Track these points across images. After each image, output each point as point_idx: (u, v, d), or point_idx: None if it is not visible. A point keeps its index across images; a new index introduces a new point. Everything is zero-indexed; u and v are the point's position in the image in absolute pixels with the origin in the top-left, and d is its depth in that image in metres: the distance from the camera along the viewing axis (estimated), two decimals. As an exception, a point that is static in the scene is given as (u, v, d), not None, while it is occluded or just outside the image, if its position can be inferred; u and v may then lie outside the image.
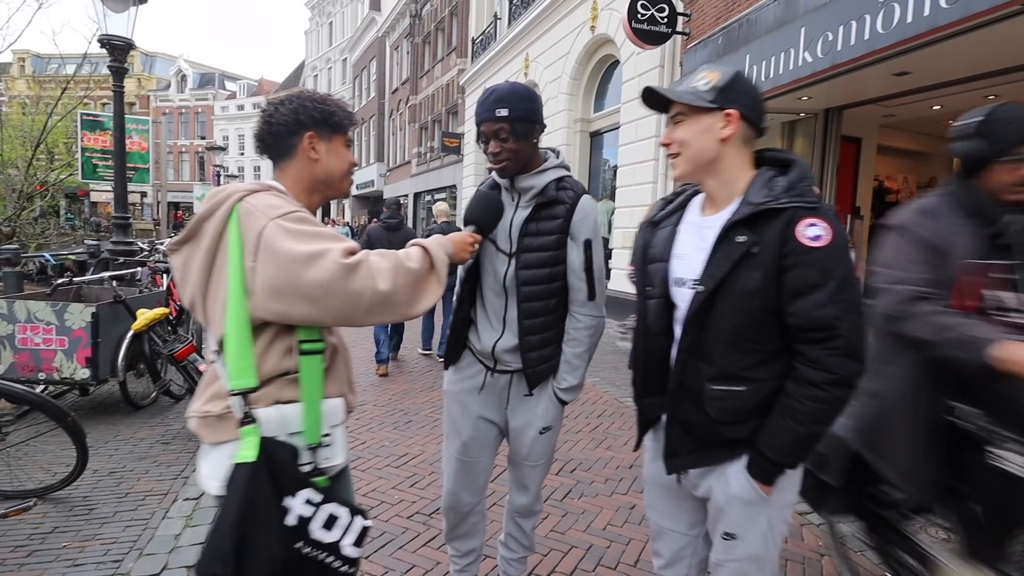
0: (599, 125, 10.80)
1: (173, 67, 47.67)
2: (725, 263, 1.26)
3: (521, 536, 2.03)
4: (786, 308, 1.23)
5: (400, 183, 25.66)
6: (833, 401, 1.23)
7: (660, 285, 1.42)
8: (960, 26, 4.01)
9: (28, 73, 33.90)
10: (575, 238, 1.73)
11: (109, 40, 5.61)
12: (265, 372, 1.22)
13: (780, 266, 1.22)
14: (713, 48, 7.00)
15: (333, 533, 1.19)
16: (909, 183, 9.55)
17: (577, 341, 1.78)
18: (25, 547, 2.46)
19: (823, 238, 1.20)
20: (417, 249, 1.31)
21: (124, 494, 2.97)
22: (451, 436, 1.92)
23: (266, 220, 1.17)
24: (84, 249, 9.95)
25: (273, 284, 1.15)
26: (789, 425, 1.25)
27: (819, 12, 5.20)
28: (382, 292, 1.18)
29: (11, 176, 12.99)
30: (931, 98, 6.44)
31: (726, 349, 1.30)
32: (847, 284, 1.21)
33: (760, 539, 1.36)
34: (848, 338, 1.20)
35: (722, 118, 1.29)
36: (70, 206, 30.24)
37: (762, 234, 1.24)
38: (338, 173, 1.39)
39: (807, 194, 1.24)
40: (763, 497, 1.33)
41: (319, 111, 1.34)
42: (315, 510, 1.18)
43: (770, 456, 1.29)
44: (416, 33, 23.06)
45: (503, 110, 1.63)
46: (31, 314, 3.73)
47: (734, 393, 1.30)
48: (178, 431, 3.89)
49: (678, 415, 1.40)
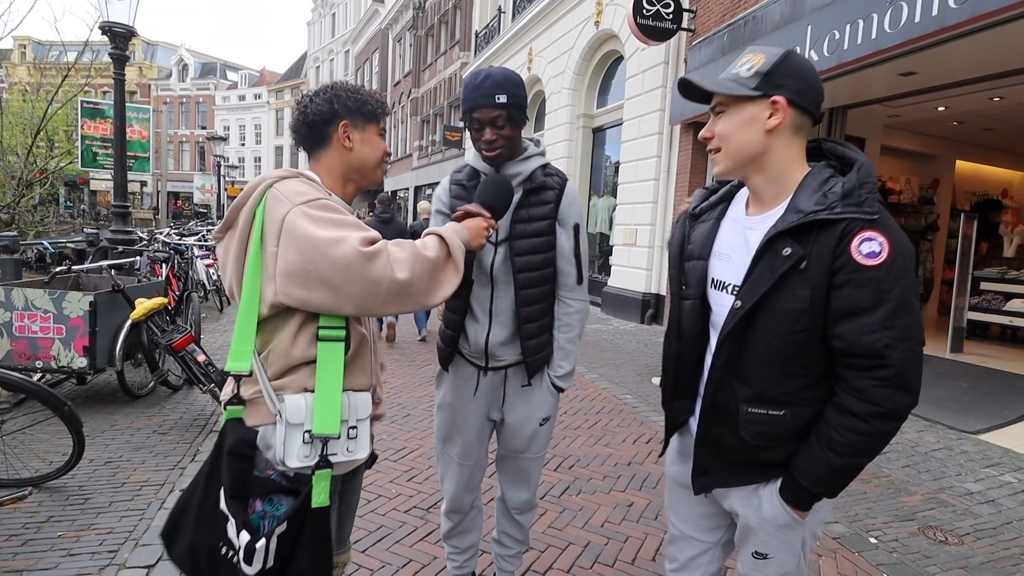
0: (602, 121, 10.77)
1: (175, 56, 47.49)
2: (767, 277, 1.12)
3: (517, 532, 2.02)
4: (831, 330, 1.10)
5: (401, 176, 25.61)
6: (876, 435, 1.10)
7: (697, 285, 1.30)
8: (969, 26, 3.98)
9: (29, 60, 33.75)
10: (564, 223, 1.73)
11: (111, 27, 5.58)
12: (295, 358, 1.24)
13: (830, 283, 1.08)
14: (718, 45, 6.96)
15: (239, 540, 1.15)
16: (912, 184, 9.53)
17: (569, 326, 1.79)
18: (20, 536, 2.45)
19: (880, 255, 1.05)
20: (433, 238, 1.30)
21: (120, 484, 2.96)
22: (450, 441, 1.88)
23: (290, 206, 1.18)
24: (83, 237, 9.93)
25: (293, 269, 1.16)
26: (826, 455, 1.13)
27: (826, 10, 5.17)
28: (400, 281, 1.18)
29: (11, 163, 12.94)
30: (937, 99, 6.43)
31: (766, 371, 1.17)
32: (903, 308, 1.06)
33: (792, 558, 1.28)
34: (898, 369, 1.06)
35: (767, 106, 1.13)
36: (70, 194, 30.18)
37: (811, 247, 1.09)
38: (372, 162, 1.40)
39: (868, 203, 1.07)
40: (797, 521, 1.23)
41: (353, 100, 1.35)
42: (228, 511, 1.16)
43: (804, 484, 1.18)
44: (419, 26, 22.96)
45: (502, 96, 1.59)
46: (29, 302, 3.71)
47: (773, 418, 1.18)
48: (175, 421, 3.88)
49: (709, 435, 1.28)
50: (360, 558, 2.40)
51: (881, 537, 2.80)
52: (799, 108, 1.14)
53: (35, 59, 31.96)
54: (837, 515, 2.98)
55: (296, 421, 1.21)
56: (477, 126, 1.63)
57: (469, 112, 1.63)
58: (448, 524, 2.00)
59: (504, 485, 1.98)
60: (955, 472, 3.58)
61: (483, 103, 1.59)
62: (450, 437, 1.88)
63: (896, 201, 9.13)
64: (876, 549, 2.69)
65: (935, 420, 4.41)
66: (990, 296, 7.16)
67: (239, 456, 1.21)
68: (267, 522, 1.17)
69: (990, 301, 7.11)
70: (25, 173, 11.31)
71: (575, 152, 11.12)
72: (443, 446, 1.91)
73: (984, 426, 4.29)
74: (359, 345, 1.32)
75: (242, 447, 1.21)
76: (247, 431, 1.24)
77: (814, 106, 1.15)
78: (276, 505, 1.19)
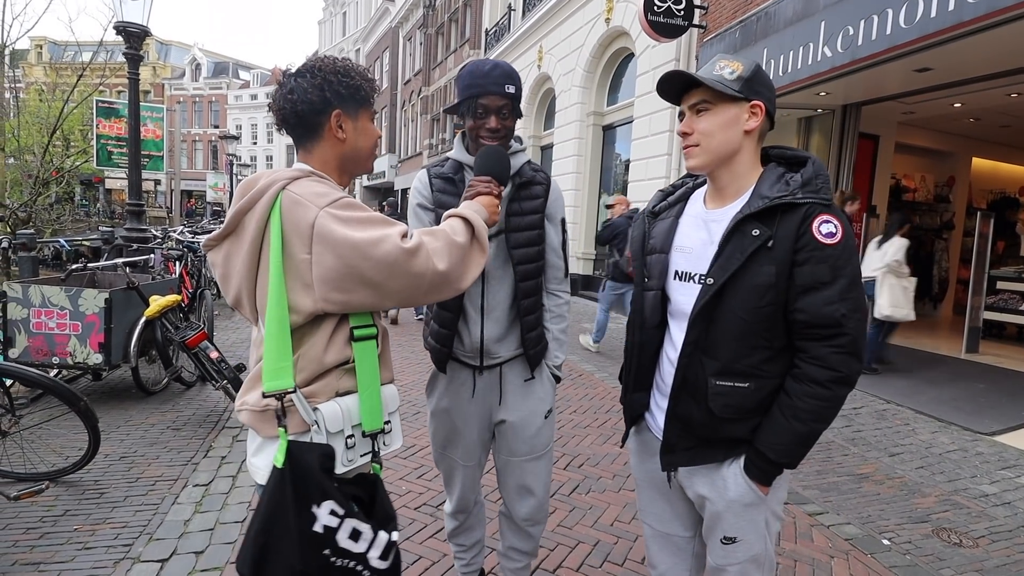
0: (612, 119, 10.72)
1: (188, 56, 47.89)
2: (737, 256, 1.23)
3: (526, 544, 1.93)
4: (794, 304, 1.22)
5: (411, 174, 25.64)
6: (835, 399, 1.22)
7: (658, 277, 1.40)
8: (986, 21, 3.92)
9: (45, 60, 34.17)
10: (552, 218, 1.76)
11: (125, 27, 5.63)
12: (327, 363, 1.21)
13: (792, 261, 1.21)
14: (730, 41, 6.91)
15: (360, 544, 1.16)
16: (927, 182, 9.41)
17: (560, 317, 1.82)
18: (37, 529, 2.49)
19: (836, 235, 1.19)
20: (459, 221, 1.28)
21: (135, 479, 3.00)
22: (450, 445, 1.84)
23: (316, 210, 1.13)
24: (98, 235, 10.04)
25: (333, 274, 1.13)
26: (791, 424, 1.23)
27: (840, 6, 5.11)
28: (441, 272, 1.18)
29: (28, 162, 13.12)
30: (952, 95, 6.34)
31: (733, 344, 1.27)
32: (855, 283, 1.21)
33: (759, 539, 1.35)
34: (853, 336, 1.20)
35: (748, 110, 1.26)
36: (85, 193, 30.55)
37: (776, 228, 1.22)
38: (365, 151, 1.34)
39: (823, 191, 1.23)
40: (761, 498, 1.32)
41: (344, 86, 1.26)
42: (340, 521, 1.14)
43: (770, 456, 1.27)
44: (429, 24, 22.98)
45: (511, 87, 1.60)
46: (46, 299, 3.76)
47: (739, 389, 1.28)
48: (189, 417, 3.93)
49: (678, 411, 1.36)
50: (370, 554, 2.42)
51: (894, 539, 2.77)
52: (768, 115, 1.29)
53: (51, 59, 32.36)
54: (849, 516, 2.95)
55: (336, 429, 1.20)
56: (481, 112, 1.61)
57: (475, 97, 1.60)
58: (454, 523, 1.98)
59: (510, 497, 1.87)
60: (970, 474, 3.54)
61: (493, 90, 1.58)
62: (450, 442, 1.83)
63: (911, 199, 9.02)
64: (889, 551, 2.66)
65: (950, 421, 4.36)
66: (1006, 296, 7.05)
67: (327, 471, 1.17)
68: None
69: (1006, 301, 7.00)
70: (42, 172, 11.45)
71: (585, 150, 11.09)
72: (443, 451, 1.86)
73: (1000, 427, 4.23)
74: (383, 340, 1.31)
75: (328, 462, 1.17)
76: (324, 446, 1.18)
77: (774, 113, 1.31)
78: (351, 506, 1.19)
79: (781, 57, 5.80)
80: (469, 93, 1.61)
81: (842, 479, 3.40)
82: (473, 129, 1.64)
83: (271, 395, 1.16)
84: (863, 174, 7.55)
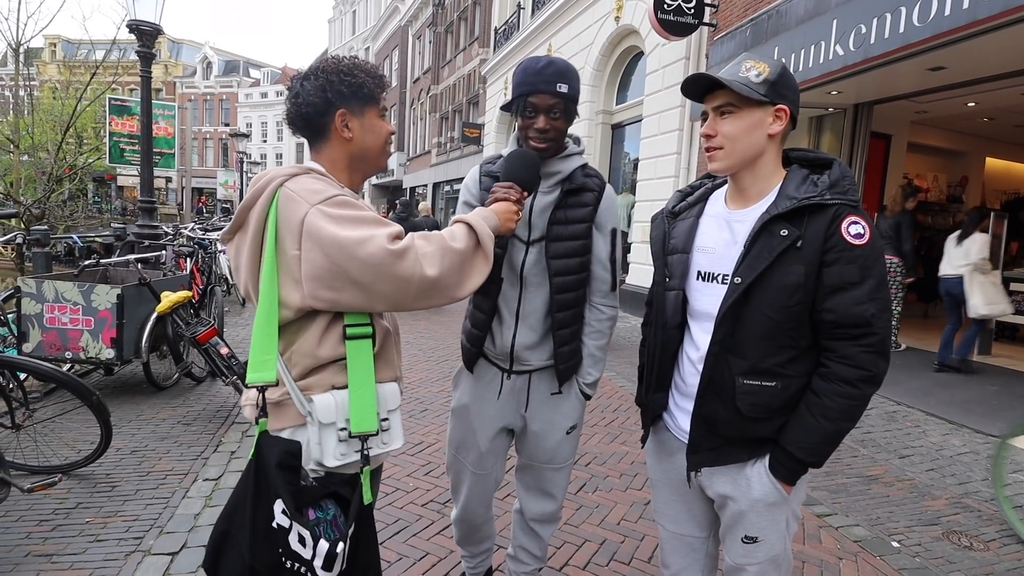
0: (621, 117, 10.69)
1: (199, 54, 48.21)
2: (765, 256, 1.23)
3: (535, 547, 1.90)
4: (822, 304, 1.22)
5: (420, 172, 25.71)
6: (863, 398, 1.23)
7: (680, 277, 1.39)
8: (1001, 20, 3.87)
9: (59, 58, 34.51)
10: (601, 227, 1.67)
11: (138, 25, 5.68)
12: (321, 358, 1.21)
13: (821, 261, 1.21)
14: (741, 40, 6.87)
15: (307, 550, 1.13)
16: (939, 182, 9.31)
17: (600, 333, 1.73)
18: (50, 521, 2.52)
19: (865, 236, 1.20)
20: (461, 227, 1.24)
21: (146, 473, 3.03)
22: (464, 448, 1.79)
23: (308, 207, 1.14)
24: (110, 232, 10.15)
25: (320, 271, 1.13)
26: (820, 423, 1.24)
27: (852, 4, 5.07)
28: (430, 278, 1.14)
29: (42, 159, 13.27)
30: (966, 94, 6.27)
31: (761, 344, 1.27)
32: (883, 283, 1.21)
33: (780, 539, 1.35)
34: (881, 336, 1.20)
35: (772, 113, 1.26)
36: (97, 189, 30.85)
37: (805, 228, 1.22)
38: (375, 149, 1.33)
39: (851, 192, 1.23)
40: (785, 497, 1.32)
41: (347, 84, 1.26)
42: (290, 523, 1.12)
43: (797, 455, 1.27)
44: (439, 22, 23.00)
45: (563, 86, 1.51)
46: (59, 294, 3.80)
47: (766, 388, 1.28)
48: (199, 412, 3.96)
49: (703, 411, 1.35)
50: (378, 550, 2.43)
51: (904, 541, 2.75)
52: (792, 119, 1.28)
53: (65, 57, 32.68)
54: (858, 518, 2.93)
55: (328, 420, 1.19)
56: (531, 112, 1.54)
57: (525, 96, 1.53)
58: (460, 532, 1.94)
59: (524, 497, 1.86)
60: (981, 476, 3.50)
61: (543, 89, 1.51)
62: (464, 442, 1.79)
63: (923, 199, 8.93)
64: (899, 553, 2.64)
65: (961, 423, 4.31)
66: (1020, 297, 6.97)
67: (289, 468, 1.16)
68: (322, 528, 1.16)
69: (1020, 303, 6.92)
70: (55, 169, 11.59)
71: (594, 149, 11.05)
72: (456, 453, 1.82)
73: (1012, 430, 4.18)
74: (384, 338, 1.29)
75: (290, 459, 1.17)
76: (289, 443, 1.18)
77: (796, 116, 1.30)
78: (326, 510, 1.18)
79: (792, 55, 5.75)
80: (520, 91, 1.55)
81: (851, 480, 3.38)
82: (523, 128, 1.58)
83: (253, 386, 1.18)
84: (875, 174, 7.48)
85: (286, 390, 1.21)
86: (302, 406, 1.20)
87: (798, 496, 1.37)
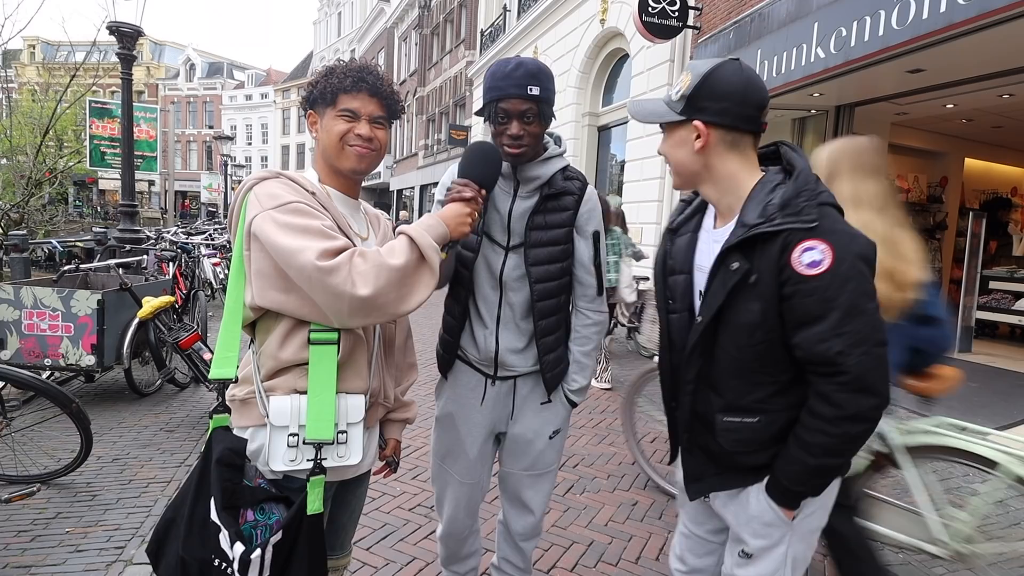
0: (607, 119, 10.74)
1: (182, 56, 47.69)
2: (720, 292, 1.15)
3: (519, 560, 1.86)
4: (791, 339, 1.13)
5: (407, 175, 25.63)
6: (844, 436, 1.12)
7: (682, 299, 1.31)
8: (977, 23, 3.95)
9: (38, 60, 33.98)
10: (582, 231, 1.62)
11: (118, 27, 5.62)
12: (283, 360, 1.20)
13: (780, 295, 1.11)
14: (724, 43, 6.93)
15: (231, 551, 1.12)
16: (920, 182, 9.45)
17: (587, 339, 1.68)
18: (28, 532, 2.47)
19: (822, 264, 1.05)
20: (403, 240, 1.19)
21: (127, 481, 2.98)
22: (450, 457, 1.73)
23: (259, 210, 1.16)
24: (91, 236, 10.00)
25: (264, 272, 1.17)
26: (801, 455, 1.16)
27: (833, 7, 5.14)
28: (361, 297, 1.10)
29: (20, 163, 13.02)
30: (945, 96, 6.37)
31: (734, 381, 1.20)
32: (852, 313, 1.07)
33: (776, 563, 1.27)
34: (855, 374, 1.07)
35: (692, 129, 1.18)
36: (78, 193, 30.41)
37: (758, 261, 1.11)
38: (331, 148, 1.29)
39: (805, 212, 1.08)
40: (783, 520, 1.24)
41: (315, 85, 1.31)
42: (220, 522, 1.13)
43: (784, 483, 1.21)
44: (425, 24, 22.97)
45: (535, 88, 1.44)
46: (38, 300, 3.74)
47: (748, 425, 1.21)
48: (182, 419, 3.91)
49: (697, 442, 1.31)
50: (364, 556, 2.41)
51: (887, 537, 2.78)
52: (723, 127, 1.16)
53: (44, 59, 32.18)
54: (843, 515, 2.96)
55: (280, 424, 1.17)
56: (502, 117, 1.47)
57: (496, 101, 1.46)
58: (445, 551, 1.87)
59: (508, 508, 1.81)
60: (962, 472, 3.55)
61: (513, 93, 1.43)
62: (450, 452, 1.73)
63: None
64: (882, 550, 2.67)
65: (942, 420, 4.38)
66: (999, 295, 7.10)
67: (228, 465, 1.17)
68: (259, 532, 1.14)
69: (999, 300, 7.05)
70: (34, 172, 11.38)
71: (580, 151, 11.10)
72: (441, 463, 1.76)
73: (993, 427, 4.25)
74: (353, 347, 1.25)
75: (231, 456, 1.18)
76: (235, 440, 1.21)
77: (743, 121, 1.16)
78: (268, 514, 1.17)
79: (775, 58, 5.82)
80: (490, 96, 1.48)
81: (836, 478, 3.41)
82: (495, 136, 1.50)
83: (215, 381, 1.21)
84: (857, 175, 7.57)
85: (252, 388, 1.22)
86: (263, 406, 1.20)
87: (807, 526, 1.27)
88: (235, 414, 1.25)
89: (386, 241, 1.42)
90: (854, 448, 1.15)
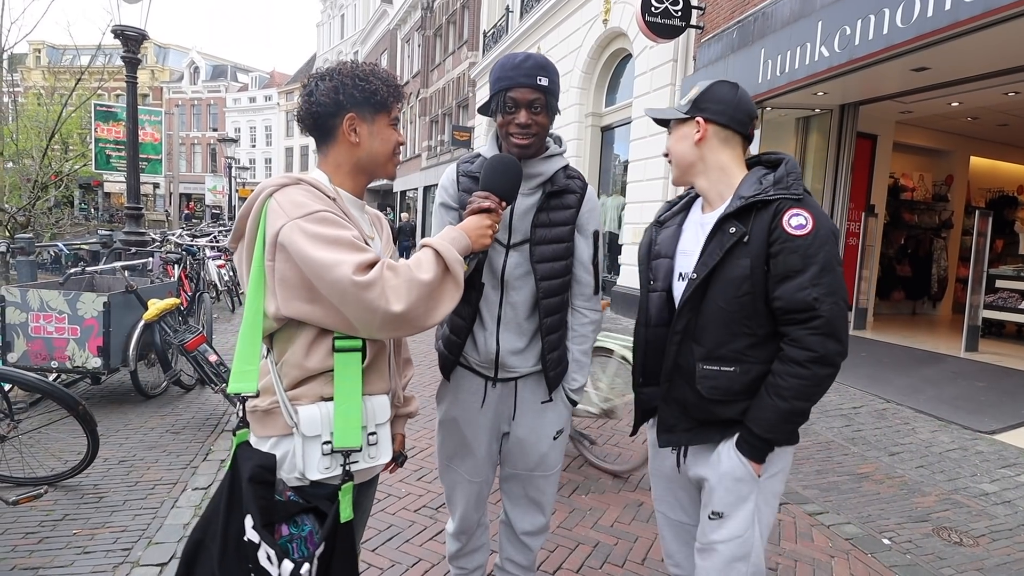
0: (610, 119, 10.73)
1: (186, 59, 47.90)
2: (717, 252, 1.37)
3: (524, 558, 1.86)
4: (772, 292, 1.33)
5: (410, 176, 25.67)
6: (814, 378, 1.31)
7: (663, 279, 1.53)
8: (982, 20, 3.93)
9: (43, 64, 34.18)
10: (583, 230, 1.64)
11: (123, 31, 5.64)
12: (309, 369, 1.19)
13: (767, 253, 1.33)
14: (727, 42, 6.92)
15: (273, 568, 1.10)
16: (925, 181, 9.41)
17: (584, 338, 1.70)
18: (36, 534, 2.48)
19: (806, 227, 1.30)
20: (429, 254, 1.19)
21: (134, 483, 2.99)
22: (457, 458, 1.75)
23: (285, 219, 1.13)
24: (97, 239, 10.04)
25: (292, 283, 1.13)
26: (773, 401, 1.34)
27: (836, 6, 5.12)
28: (395, 313, 1.10)
29: (26, 166, 13.10)
30: (950, 94, 6.34)
31: (717, 331, 1.39)
32: (828, 269, 1.30)
33: (746, 520, 1.40)
34: (827, 318, 1.29)
35: (694, 125, 1.45)
36: (84, 196, 30.56)
37: (752, 225, 1.35)
38: (382, 156, 1.31)
39: (794, 187, 1.35)
40: (752, 476, 1.40)
41: (360, 90, 1.26)
42: (259, 538, 1.10)
43: (755, 430, 1.37)
44: (427, 26, 23.01)
45: (544, 79, 1.48)
46: (44, 303, 3.76)
47: (724, 373, 1.40)
48: (188, 421, 3.92)
49: (673, 394, 1.49)
50: (370, 557, 2.41)
51: (895, 538, 2.77)
52: (718, 124, 1.43)
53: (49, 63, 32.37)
54: (849, 516, 2.95)
55: (312, 433, 1.17)
56: (511, 106, 1.49)
57: (505, 91, 1.49)
58: (456, 545, 1.88)
59: (514, 508, 1.81)
60: (970, 472, 3.54)
61: (523, 83, 1.47)
62: (457, 454, 1.74)
63: (909, 198, 9.02)
64: (889, 550, 2.66)
65: (949, 420, 4.36)
66: (1005, 294, 7.05)
67: (262, 483, 1.14)
68: (295, 544, 1.14)
69: (1006, 299, 7.00)
70: (40, 176, 11.44)
71: (584, 151, 11.09)
72: (449, 463, 1.77)
73: (1000, 426, 4.23)
74: (376, 352, 1.26)
75: (263, 474, 1.15)
76: (264, 456, 1.17)
77: (735, 123, 1.43)
78: (300, 526, 1.16)
79: (779, 57, 5.80)
80: (499, 86, 1.50)
81: (842, 479, 3.40)
82: (503, 126, 1.53)
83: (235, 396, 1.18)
84: (861, 173, 7.55)
85: (275, 398, 1.20)
86: (289, 416, 1.18)
87: (771, 486, 1.43)
88: (257, 424, 1.23)
89: (388, 242, 1.43)
90: (819, 392, 1.33)
